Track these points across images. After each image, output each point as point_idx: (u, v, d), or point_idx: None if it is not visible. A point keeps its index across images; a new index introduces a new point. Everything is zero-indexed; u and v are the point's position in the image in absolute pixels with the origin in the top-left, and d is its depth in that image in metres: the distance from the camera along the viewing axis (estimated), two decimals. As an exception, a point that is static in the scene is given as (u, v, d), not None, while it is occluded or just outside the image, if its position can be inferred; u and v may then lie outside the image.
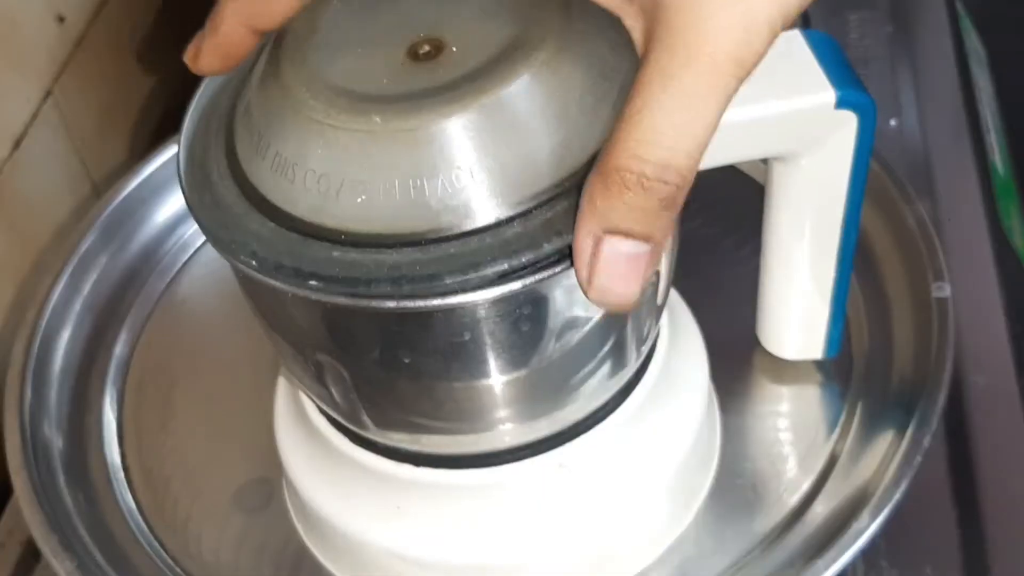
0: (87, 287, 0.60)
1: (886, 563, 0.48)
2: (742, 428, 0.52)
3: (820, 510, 0.48)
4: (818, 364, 0.53)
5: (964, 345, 0.54)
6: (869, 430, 0.50)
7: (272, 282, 0.37)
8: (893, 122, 0.66)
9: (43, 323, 0.56)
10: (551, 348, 0.39)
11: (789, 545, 0.47)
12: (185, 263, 0.63)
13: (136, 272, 0.62)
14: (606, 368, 0.42)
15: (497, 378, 0.40)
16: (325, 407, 0.46)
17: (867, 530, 0.44)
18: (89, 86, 0.73)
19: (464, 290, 0.35)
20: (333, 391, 0.42)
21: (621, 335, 0.42)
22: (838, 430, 0.51)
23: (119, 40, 0.77)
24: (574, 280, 0.36)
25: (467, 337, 0.38)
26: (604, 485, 0.46)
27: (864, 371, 0.53)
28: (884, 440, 0.48)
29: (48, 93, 0.68)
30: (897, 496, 0.45)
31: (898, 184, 0.55)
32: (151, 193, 0.63)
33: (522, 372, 0.40)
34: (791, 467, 0.50)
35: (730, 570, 0.47)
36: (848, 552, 0.44)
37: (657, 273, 0.41)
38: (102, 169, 0.74)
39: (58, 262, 0.59)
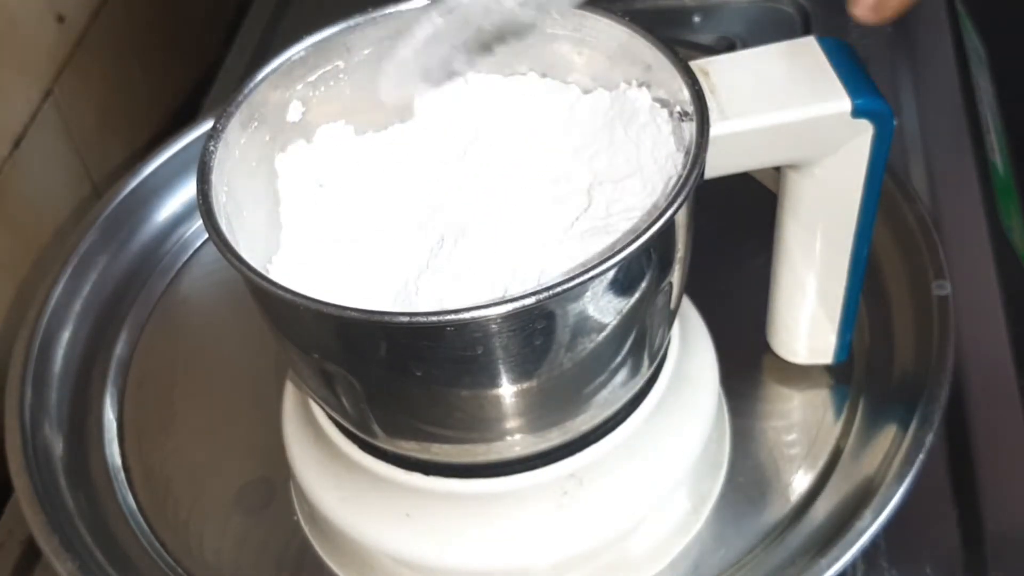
0: (87, 287, 0.60)
1: (886, 563, 0.49)
2: (747, 429, 0.52)
3: (823, 508, 0.48)
4: (823, 364, 0.53)
5: (964, 344, 0.54)
6: (871, 428, 0.50)
7: (285, 295, 0.37)
8: (893, 122, 0.66)
9: (43, 323, 0.56)
10: (564, 361, 0.39)
11: (792, 543, 0.47)
12: (185, 263, 0.63)
13: (136, 272, 0.62)
14: (619, 377, 0.42)
15: (509, 390, 0.40)
16: (335, 415, 0.45)
17: (869, 529, 0.44)
18: (89, 86, 0.73)
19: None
20: (344, 400, 0.42)
21: (634, 344, 0.41)
22: (840, 428, 0.51)
23: (119, 40, 0.77)
24: (586, 293, 0.36)
25: (479, 351, 0.37)
26: (615, 494, 0.45)
27: (866, 369, 0.53)
28: (886, 438, 0.48)
29: (48, 93, 0.68)
30: (899, 494, 0.45)
31: (899, 183, 0.55)
32: (151, 193, 0.63)
33: (533, 384, 0.40)
34: (794, 466, 0.50)
35: (733, 568, 0.47)
36: (850, 550, 0.44)
37: (670, 282, 0.41)
38: (102, 169, 0.74)
39: (58, 262, 0.59)
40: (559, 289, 0.35)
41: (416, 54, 0.43)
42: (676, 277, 0.41)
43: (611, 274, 0.37)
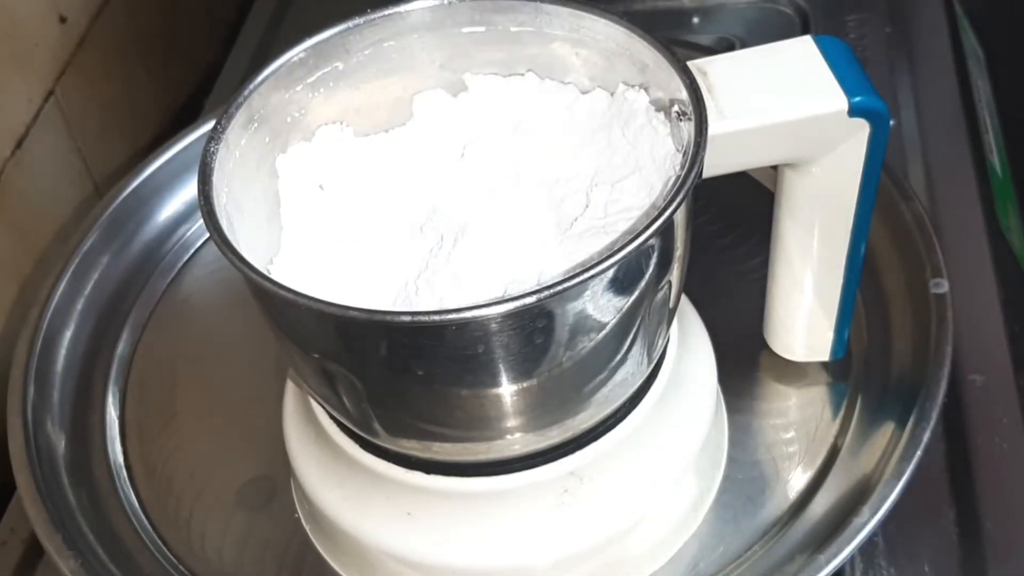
0: (89, 286, 0.60)
1: (884, 561, 0.49)
2: (746, 426, 0.52)
3: (821, 505, 0.48)
4: (820, 361, 0.54)
5: (961, 342, 0.54)
6: (869, 425, 0.50)
7: (286, 295, 0.37)
8: (892, 122, 0.66)
9: (45, 322, 0.57)
10: (563, 359, 0.39)
11: (791, 540, 0.47)
12: (187, 262, 0.64)
13: (138, 271, 0.62)
14: (619, 376, 0.42)
15: (509, 388, 0.40)
16: (336, 414, 0.46)
17: (867, 525, 0.45)
18: (91, 86, 0.73)
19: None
20: (345, 399, 0.42)
21: (634, 343, 0.41)
22: (838, 425, 0.52)
23: (121, 40, 0.77)
24: (586, 292, 0.36)
25: (480, 350, 0.38)
26: (615, 491, 0.46)
27: (863, 367, 0.53)
28: (884, 435, 0.49)
29: (50, 93, 0.69)
30: (896, 491, 0.45)
31: (896, 182, 0.56)
32: (153, 193, 0.63)
33: (534, 382, 0.40)
34: (793, 463, 0.51)
35: (732, 565, 0.47)
36: (849, 547, 0.44)
37: (669, 281, 0.41)
38: (104, 169, 0.74)
39: (60, 262, 0.59)
40: (559, 288, 0.36)
41: None
42: (675, 276, 0.42)
43: (611, 273, 0.37)
